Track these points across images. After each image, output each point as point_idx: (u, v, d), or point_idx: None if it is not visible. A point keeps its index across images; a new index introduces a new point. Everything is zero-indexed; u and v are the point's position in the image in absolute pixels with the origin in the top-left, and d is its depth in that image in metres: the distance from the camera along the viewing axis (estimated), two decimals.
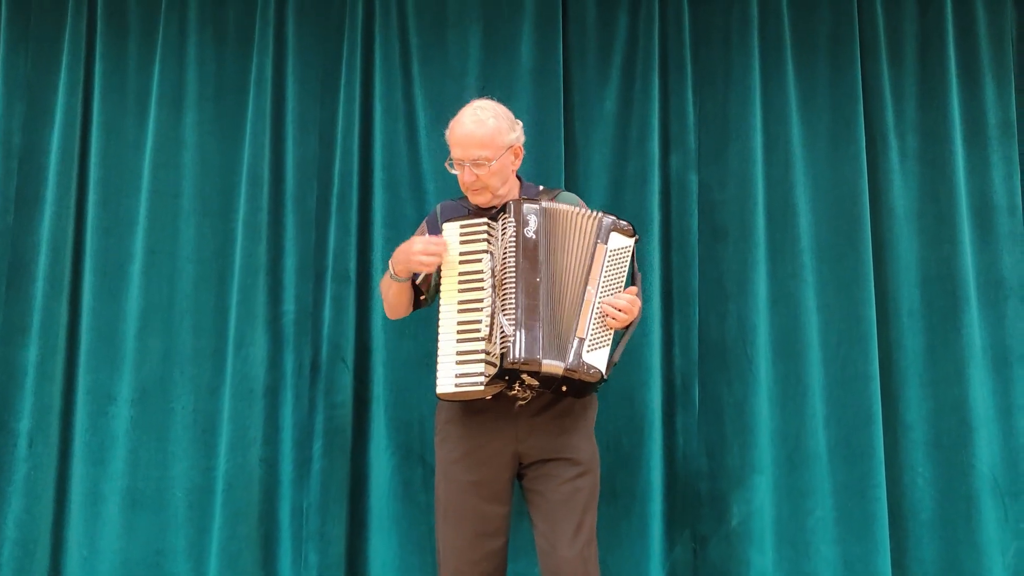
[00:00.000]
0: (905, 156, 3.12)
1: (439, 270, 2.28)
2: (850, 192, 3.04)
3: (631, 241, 2.26)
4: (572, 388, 2.15)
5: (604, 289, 2.19)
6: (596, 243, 2.22)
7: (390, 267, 2.34)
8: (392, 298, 2.40)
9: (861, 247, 3.00)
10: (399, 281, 2.33)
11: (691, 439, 2.95)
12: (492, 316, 2.15)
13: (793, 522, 2.91)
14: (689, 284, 3.00)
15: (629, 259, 2.26)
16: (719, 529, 2.92)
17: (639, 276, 2.34)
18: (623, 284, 2.24)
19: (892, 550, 2.90)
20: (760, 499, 2.91)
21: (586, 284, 2.19)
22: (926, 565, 2.94)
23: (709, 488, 2.94)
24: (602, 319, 2.18)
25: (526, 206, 2.22)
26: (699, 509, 2.93)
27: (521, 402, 2.20)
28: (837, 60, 3.12)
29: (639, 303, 2.24)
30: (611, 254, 2.22)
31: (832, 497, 2.92)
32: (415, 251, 2.23)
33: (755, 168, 3.04)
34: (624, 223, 2.27)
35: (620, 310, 2.18)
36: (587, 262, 2.20)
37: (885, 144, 3.10)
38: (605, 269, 2.20)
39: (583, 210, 2.27)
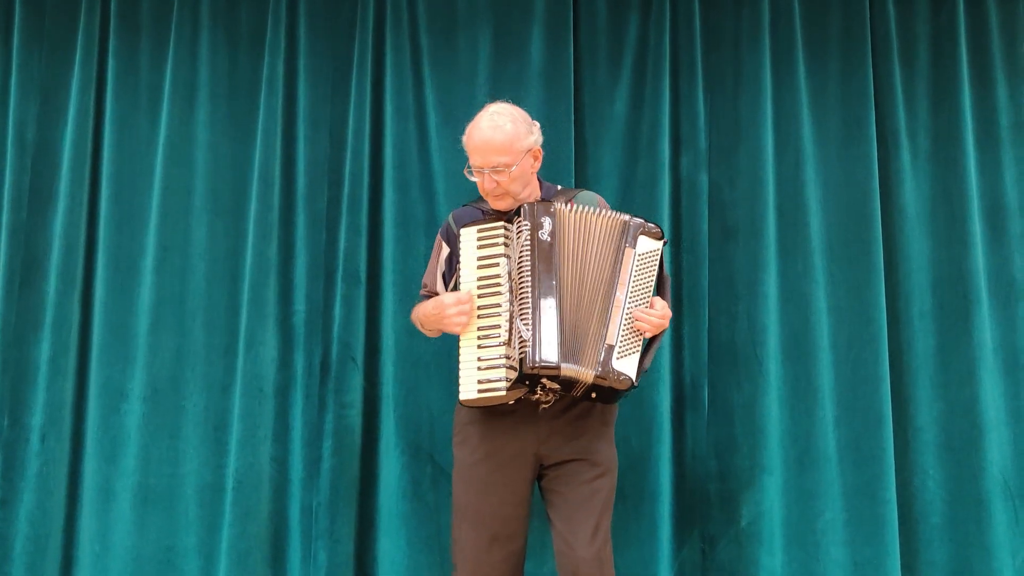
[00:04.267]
0: (917, 157, 3.11)
1: (459, 276, 2.24)
2: (861, 192, 3.04)
3: (659, 244, 2.21)
4: (602, 395, 2.13)
5: (633, 294, 2.15)
6: (623, 246, 2.17)
7: (419, 324, 2.34)
8: (429, 334, 2.39)
9: (872, 248, 3.00)
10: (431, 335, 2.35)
11: (700, 440, 2.95)
12: (511, 321, 2.13)
13: (803, 524, 2.91)
14: (699, 284, 2.99)
15: (657, 263, 2.22)
16: (728, 530, 2.92)
17: (667, 280, 2.30)
18: (652, 288, 2.21)
19: (902, 553, 2.88)
20: (769, 500, 2.90)
21: (615, 289, 2.14)
22: (936, 568, 2.93)
23: (718, 489, 2.93)
24: (632, 325, 2.14)
25: (539, 208, 2.18)
26: (708, 510, 2.93)
27: (544, 405, 2.19)
28: (849, 60, 3.11)
29: (670, 312, 2.21)
30: (639, 258, 2.17)
31: (842, 499, 2.91)
32: (449, 315, 2.17)
33: (766, 168, 3.04)
34: (652, 226, 2.21)
35: (652, 324, 2.15)
36: (614, 266, 2.16)
37: (896, 144, 3.09)
38: (634, 274, 2.16)
39: (605, 211, 2.22)
